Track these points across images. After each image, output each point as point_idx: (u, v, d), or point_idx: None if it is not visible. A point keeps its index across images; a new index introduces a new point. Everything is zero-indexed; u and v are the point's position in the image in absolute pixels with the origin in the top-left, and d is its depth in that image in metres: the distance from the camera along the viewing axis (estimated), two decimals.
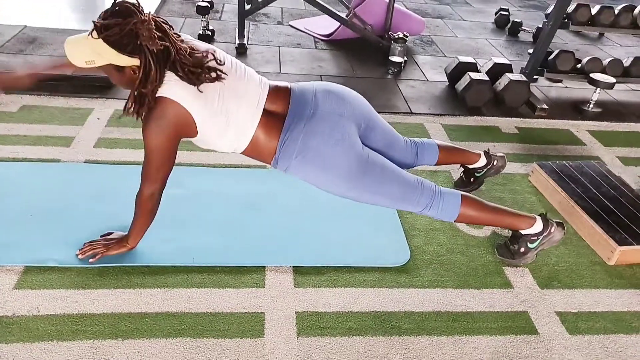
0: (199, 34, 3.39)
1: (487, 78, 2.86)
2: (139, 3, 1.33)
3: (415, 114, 2.80)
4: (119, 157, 2.12)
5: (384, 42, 3.44)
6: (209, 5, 3.32)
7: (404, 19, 3.67)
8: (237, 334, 1.43)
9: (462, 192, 1.67)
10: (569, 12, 2.85)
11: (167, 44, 1.33)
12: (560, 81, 3.38)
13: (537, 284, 1.72)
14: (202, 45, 1.46)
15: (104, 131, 2.29)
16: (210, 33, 3.42)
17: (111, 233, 1.67)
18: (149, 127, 1.37)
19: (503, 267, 1.77)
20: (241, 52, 3.30)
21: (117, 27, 1.27)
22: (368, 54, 3.51)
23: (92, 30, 1.29)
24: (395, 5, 3.56)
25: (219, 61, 1.43)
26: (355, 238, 1.82)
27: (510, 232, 1.78)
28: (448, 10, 4.78)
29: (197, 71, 1.37)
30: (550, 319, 1.59)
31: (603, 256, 1.86)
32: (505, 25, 4.38)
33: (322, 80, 3.08)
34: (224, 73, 1.42)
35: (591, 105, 2.99)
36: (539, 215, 1.73)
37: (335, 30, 3.64)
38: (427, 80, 3.24)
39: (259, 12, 4.04)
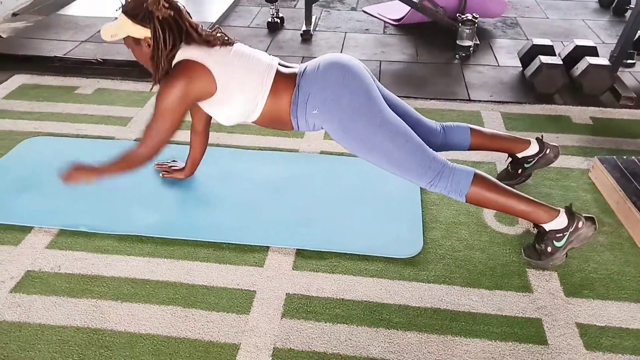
0: (268, 21, 3.48)
1: (560, 62, 2.57)
2: None
3: (474, 101, 2.61)
4: None
5: (457, 25, 3.24)
6: None
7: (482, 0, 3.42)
8: (225, 309, 1.47)
9: (476, 170, 1.55)
10: None
11: (173, 13, 1.47)
12: None
13: (563, 291, 1.53)
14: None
15: None
16: (279, 20, 3.49)
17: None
18: (165, 86, 1.50)
19: (527, 269, 1.60)
20: (306, 38, 3.33)
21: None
22: (438, 38, 3.33)
23: (119, 8, 1.50)
24: None
25: (227, 36, 1.58)
26: (369, 226, 1.77)
27: (536, 230, 1.60)
28: None
29: (208, 37, 1.53)
30: (568, 330, 1.41)
31: None
32: (610, 4, 3.88)
33: (380, 65, 3.00)
34: (235, 41, 1.59)
35: None
36: (564, 208, 1.53)
37: (406, 15, 3.50)
38: (498, 65, 3.00)
39: None
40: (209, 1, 3.94)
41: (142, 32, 1.48)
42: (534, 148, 1.88)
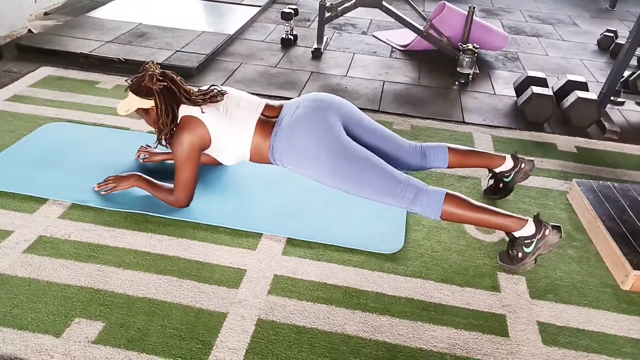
0: (282, 37, 3.69)
1: (550, 93, 2.73)
2: (153, 63, 1.80)
3: (468, 123, 2.77)
4: None
5: (458, 54, 3.43)
6: (292, 12, 3.60)
7: (485, 33, 3.62)
8: (216, 282, 1.61)
9: (448, 190, 1.69)
10: None
11: (166, 83, 1.75)
12: None
13: (529, 293, 1.66)
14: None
15: None
16: (292, 38, 3.70)
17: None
18: (174, 142, 1.76)
19: (498, 272, 1.73)
20: (316, 55, 3.52)
21: (136, 79, 1.80)
22: (440, 64, 3.52)
23: (126, 89, 1.82)
24: (476, 19, 3.54)
25: (220, 89, 1.83)
26: (356, 222, 1.91)
27: (508, 237, 1.74)
28: (549, 29, 4.57)
29: (200, 97, 1.79)
30: (528, 326, 1.53)
31: (618, 279, 1.72)
32: (608, 47, 4.08)
33: (384, 85, 3.18)
34: (226, 92, 1.83)
35: None
36: (532, 217, 1.67)
37: (412, 41, 3.71)
38: (494, 93, 3.17)
39: (347, 22, 4.26)
40: (228, 16, 4.17)
41: (148, 103, 1.78)
42: (509, 163, 2.02)
